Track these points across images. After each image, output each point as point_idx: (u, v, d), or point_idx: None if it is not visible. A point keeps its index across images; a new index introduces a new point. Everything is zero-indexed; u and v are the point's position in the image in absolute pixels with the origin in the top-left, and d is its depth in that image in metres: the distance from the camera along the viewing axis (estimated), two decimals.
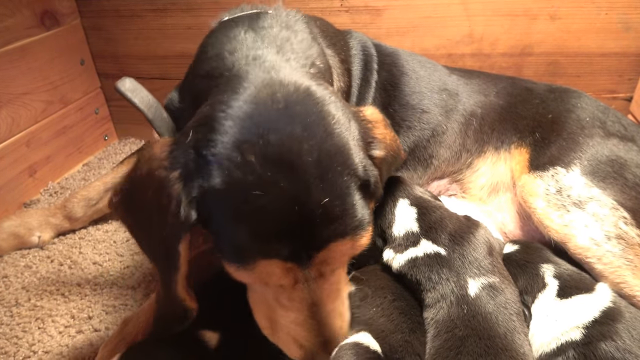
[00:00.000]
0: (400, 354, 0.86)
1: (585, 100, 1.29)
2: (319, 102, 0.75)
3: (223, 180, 0.69)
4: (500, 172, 1.29)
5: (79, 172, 1.89)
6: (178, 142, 0.76)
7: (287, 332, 0.82)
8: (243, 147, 0.68)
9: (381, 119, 0.89)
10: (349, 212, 0.72)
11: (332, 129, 0.73)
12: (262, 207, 0.67)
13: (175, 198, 0.71)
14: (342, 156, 0.73)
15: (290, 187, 0.67)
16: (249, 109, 0.71)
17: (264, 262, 0.71)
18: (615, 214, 1.05)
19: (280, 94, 0.72)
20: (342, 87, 1.15)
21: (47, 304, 1.24)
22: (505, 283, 0.95)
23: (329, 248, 0.72)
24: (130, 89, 0.98)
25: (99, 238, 1.48)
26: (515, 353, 0.83)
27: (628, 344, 0.84)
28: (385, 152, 0.85)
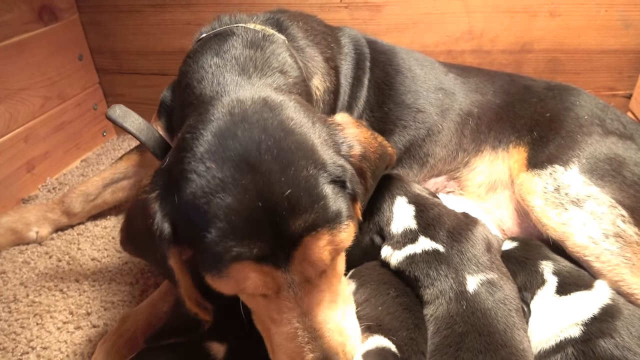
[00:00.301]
0: (407, 353, 0.86)
1: (584, 98, 1.29)
2: (276, 107, 0.79)
3: (189, 190, 0.72)
4: (498, 170, 1.29)
5: (77, 167, 1.88)
6: (159, 169, 0.81)
7: (284, 352, 0.78)
8: (205, 156, 0.73)
9: (351, 120, 0.91)
10: (318, 204, 0.72)
11: (291, 129, 0.76)
12: (227, 208, 0.69)
13: (152, 216, 0.75)
14: (304, 151, 0.74)
15: (251, 185, 0.69)
16: (211, 127, 0.76)
17: (237, 266, 0.70)
18: (613, 212, 1.05)
19: (238, 109, 0.78)
20: (328, 87, 1.14)
21: (46, 300, 1.24)
22: (504, 279, 0.95)
23: (303, 244, 0.71)
24: (121, 116, 1.04)
25: (98, 234, 1.47)
26: (514, 349, 0.84)
27: (627, 342, 0.84)
28: (361, 148, 0.85)
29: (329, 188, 0.74)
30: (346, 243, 0.77)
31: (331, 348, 0.76)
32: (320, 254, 0.73)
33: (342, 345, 0.78)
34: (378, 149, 0.93)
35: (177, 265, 0.79)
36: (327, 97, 1.13)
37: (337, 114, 0.92)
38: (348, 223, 0.76)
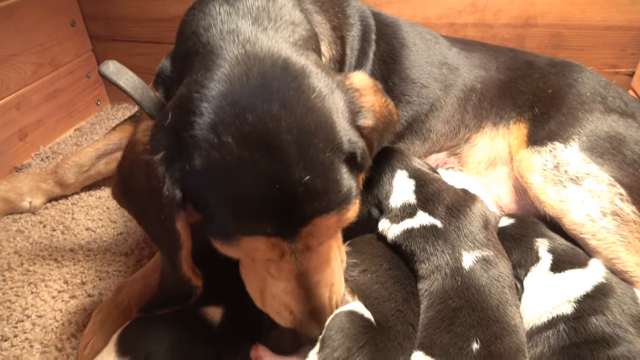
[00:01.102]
0: (392, 322, 0.87)
1: (586, 75, 1.27)
2: (298, 75, 0.73)
3: (202, 162, 0.69)
4: (498, 147, 1.28)
5: (71, 137, 1.86)
6: (158, 125, 0.76)
7: (277, 300, 0.83)
8: (219, 128, 0.67)
9: (370, 85, 0.86)
10: (332, 188, 0.71)
11: (312, 104, 0.71)
12: (242, 187, 0.67)
13: (161, 180, 0.72)
14: (324, 132, 0.71)
15: (269, 166, 0.67)
16: (223, 88, 0.70)
17: (248, 239, 0.71)
18: (611, 190, 1.04)
19: (256, 69, 0.71)
20: (334, 55, 1.11)
21: (40, 268, 1.24)
22: (499, 257, 0.95)
23: (313, 223, 0.72)
24: (114, 72, 0.95)
25: (92, 204, 1.47)
26: (506, 325, 0.84)
27: (618, 319, 0.85)
28: (374, 120, 0.83)
29: (343, 169, 0.73)
30: (352, 219, 0.77)
31: (321, 303, 0.83)
32: (328, 231, 0.75)
33: (330, 300, 0.84)
34: (387, 118, 0.91)
35: (184, 229, 0.77)
36: (332, 66, 1.10)
37: (355, 72, 0.87)
38: (355, 202, 0.76)
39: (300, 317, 0.83)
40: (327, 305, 0.84)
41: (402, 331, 0.87)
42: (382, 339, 0.84)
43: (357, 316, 0.84)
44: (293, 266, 0.78)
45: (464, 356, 0.80)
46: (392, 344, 0.85)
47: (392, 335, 0.86)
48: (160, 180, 0.72)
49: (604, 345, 0.81)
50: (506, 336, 0.83)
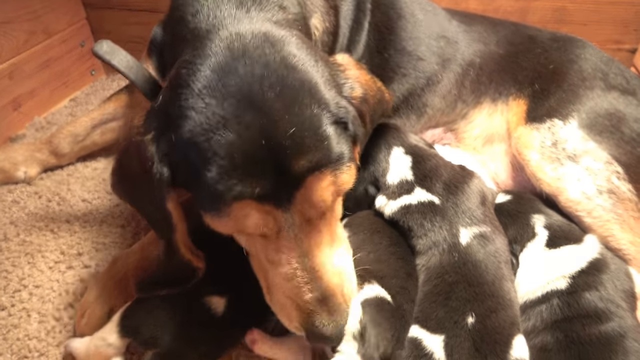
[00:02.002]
0: (399, 301, 0.87)
1: (589, 51, 1.26)
2: (278, 43, 0.75)
3: (188, 128, 0.70)
4: (496, 123, 1.27)
5: (66, 107, 1.83)
6: (151, 108, 0.78)
7: (282, 293, 0.78)
8: (203, 93, 0.70)
9: (352, 62, 0.88)
10: (322, 144, 0.70)
11: (294, 65, 0.73)
12: (229, 145, 0.67)
13: (150, 159, 0.73)
14: (308, 89, 0.72)
15: (253, 122, 0.67)
16: (209, 61, 0.72)
17: (238, 205, 0.69)
18: (609, 168, 1.04)
19: (237, 43, 0.74)
20: (327, 27, 1.09)
21: (37, 239, 1.23)
22: (496, 233, 0.96)
23: (306, 185, 0.70)
24: (108, 52, 0.96)
25: (88, 175, 1.46)
26: (501, 299, 0.86)
27: (611, 294, 0.86)
28: (362, 91, 0.83)
29: (333, 128, 0.73)
30: (348, 185, 0.76)
31: (329, 289, 0.77)
32: (323, 195, 0.72)
33: (340, 287, 0.79)
34: (377, 94, 0.90)
35: (175, 209, 0.78)
36: (325, 39, 1.09)
37: (338, 54, 0.88)
38: (350, 165, 0.75)
39: (308, 308, 0.76)
40: (339, 293, 0.77)
41: (409, 309, 0.88)
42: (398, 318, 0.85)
43: (384, 302, 0.83)
44: (292, 244, 0.75)
45: (459, 329, 0.81)
46: (401, 322, 0.85)
47: (399, 314, 0.86)
48: (150, 160, 0.73)
49: (596, 320, 0.82)
50: (501, 310, 0.84)
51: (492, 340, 0.80)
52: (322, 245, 0.78)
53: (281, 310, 0.80)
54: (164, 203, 0.76)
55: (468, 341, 0.80)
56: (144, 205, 0.84)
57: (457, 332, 0.81)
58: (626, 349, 0.78)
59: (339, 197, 0.80)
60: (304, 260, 0.76)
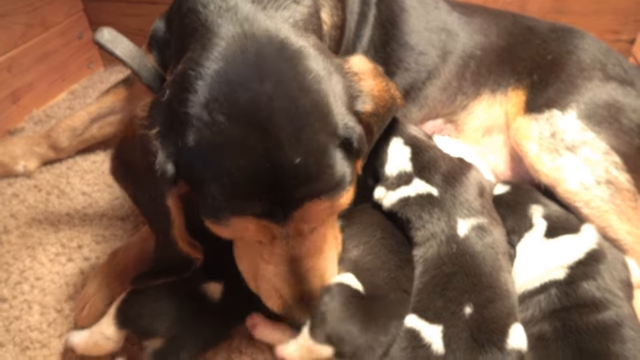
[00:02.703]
0: (385, 291, 0.89)
1: (587, 41, 1.25)
2: (295, 56, 0.71)
3: (194, 139, 0.69)
4: (495, 114, 1.27)
5: (64, 100, 1.83)
6: (156, 101, 0.76)
7: (268, 283, 0.83)
8: (211, 106, 0.68)
9: (370, 70, 0.86)
10: (324, 173, 0.71)
11: (307, 86, 0.70)
12: (232, 165, 0.67)
13: (154, 154, 0.72)
14: (319, 114, 0.70)
15: (260, 145, 0.66)
16: (218, 66, 0.69)
17: (237, 219, 0.71)
18: (607, 158, 1.05)
19: (252, 49, 0.70)
20: (335, 22, 1.09)
21: (37, 232, 1.24)
22: (494, 224, 0.96)
23: (304, 208, 0.72)
24: (109, 40, 0.92)
25: (87, 168, 1.46)
26: (498, 290, 0.86)
27: (608, 284, 0.87)
28: (373, 105, 0.82)
29: (338, 154, 0.73)
30: (344, 206, 0.78)
31: (311, 291, 0.83)
32: (318, 217, 0.76)
33: (319, 287, 0.84)
34: (388, 103, 0.90)
35: (174, 204, 0.78)
36: (333, 33, 1.08)
37: (355, 57, 0.86)
38: (349, 189, 0.76)
39: (289, 302, 0.83)
40: (317, 292, 0.84)
41: (396, 298, 0.89)
42: (374, 306, 0.86)
43: (345, 287, 0.85)
44: (284, 251, 0.78)
45: (457, 320, 0.82)
46: (385, 311, 0.86)
47: (385, 303, 0.87)
48: (153, 155, 0.72)
49: (593, 309, 0.83)
50: (498, 301, 0.84)
51: (489, 330, 0.80)
52: (311, 253, 0.82)
53: (267, 297, 0.86)
54: (164, 199, 0.76)
55: (465, 331, 0.81)
56: (142, 197, 0.84)
57: (455, 322, 0.82)
58: (623, 337, 0.79)
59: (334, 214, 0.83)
60: (293, 265, 0.80)
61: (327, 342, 0.80)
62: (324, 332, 0.80)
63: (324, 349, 0.81)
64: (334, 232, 0.91)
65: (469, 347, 0.79)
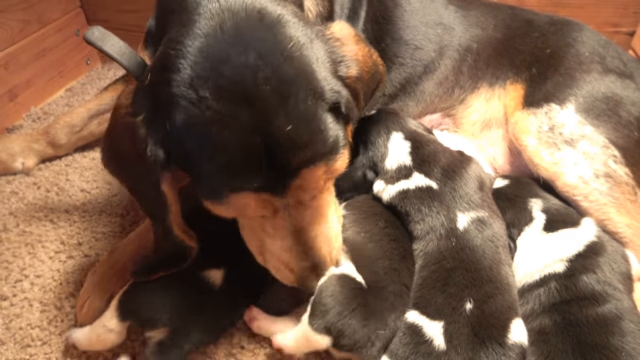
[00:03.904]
0: (385, 282, 0.89)
1: (586, 34, 1.25)
2: (274, 25, 0.71)
3: (181, 119, 0.68)
4: (493, 108, 1.27)
5: (62, 97, 1.82)
6: (139, 87, 0.75)
7: (276, 258, 0.84)
8: (196, 83, 0.67)
9: (351, 34, 0.85)
10: (317, 138, 0.71)
11: (289, 53, 0.70)
12: (224, 142, 0.67)
13: (143, 141, 0.72)
14: (304, 81, 0.70)
15: (249, 119, 0.66)
16: (199, 43, 0.69)
17: (236, 196, 0.71)
18: (605, 152, 1.05)
19: (230, 22, 0.69)
20: (320, 12, 1.08)
21: (36, 229, 1.24)
22: (494, 217, 0.96)
23: (300, 176, 0.72)
24: (99, 38, 0.93)
25: (86, 165, 1.46)
26: (499, 284, 0.86)
27: (608, 277, 0.87)
28: (358, 69, 0.82)
29: (327, 117, 0.73)
30: (340, 170, 0.78)
31: (320, 257, 0.84)
32: (316, 183, 0.75)
33: (329, 253, 0.85)
34: (372, 68, 0.89)
35: (170, 190, 0.78)
36: (318, 22, 1.08)
37: (336, 22, 0.85)
38: (343, 152, 0.76)
39: (301, 273, 0.84)
40: (328, 259, 0.85)
41: (395, 290, 0.89)
42: (374, 299, 0.86)
43: (348, 279, 0.85)
44: (288, 222, 0.79)
45: (458, 316, 0.82)
46: (384, 304, 0.86)
47: (384, 295, 0.87)
48: (143, 142, 0.72)
49: (593, 302, 0.83)
50: (498, 295, 0.85)
51: (490, 325, 0.81)
52: (315, 221, 0.83)
53: (277, 271, 0.87)
54: (158, 185, 0.76)
55: (467, 327, 0.81)
56: (136, 185, 0.84)
57: (456, 318, 0.82)
58: (623, 330, 0.79)
59: (331, 179, 0.83)
60: (298, 235, 0.81)
61: (326, 333, 0.81)
62: (324, 322, 0.81)
63: (323, 339, 0.81)
64: (332, 197, 0.91)
65: (471, 343, 0.79)
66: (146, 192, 0.81)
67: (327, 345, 0.82)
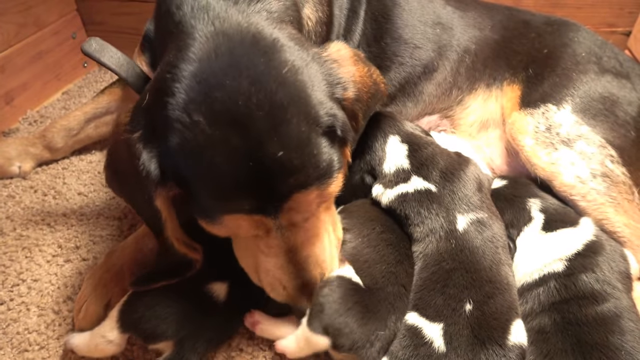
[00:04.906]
0: (382, 284, 0.89)
1: (582, 34, 1.26)
2: (269, 50, 0.72)
3: (176, 142, 0.69)
4: (490, 109, 1.27)
5: (59, 100, 1.82)
6: (138, 106, 0.76)
7: (271, 275, 0.84)
8: (190, 107, 0.68)
9: (349, 56, 0.85)
10: (309, 163, 0.71)
11: (283, 78, 0.70)
12: (216, 166, 0.68)
13: (138, 157, 0.73)
14: (298, 106, 0.70)
15: (241, 144, 0.67)
16: (193, 67, 0.70)
17: (229, 217, 0.72)
18: (602, 152, 1.05)
19: (224, 47, 0.71)
20: (320, 17, 1.08)
21: (33, 233, 1.23)
22: (493, 218, 0.96)
23: (293, 199, 0.72)
24: (97, 50, 0.94)
25: (83, 168, 1.45)
26: (499, 284, 0.87)
27: (607, 276, 0.87)
28: (356, 91, 0.82)
29: (321, 142, 0.73)
30: (334, 194, 0.79)
31: (311, 278, 0.84)
32: (309, 207, 0.76)
33: (320, 275, 0.86)
34: (372, 88, 0.90)
35: (164, 206, 0.78)
36: (319, 29, 1.08)
37: (333, 43, 0.86)
38: (337, 175, 0.76)
39: (292, 292, 0.84)
40: (318, 280, 0.85)
41: (393, 292, 0.89)
42: (372, 300, 0.86)
43: (344, 280, 0.86)
44: (281, 242, 0.79)
45: (458, 317, 0.82)
46: (383, 305, 0.87)
47: (382, 296, 0.88)
48: (137, 157, 0.73)
49: (592, 301, 0.84)
50: (498, 295, 0.85)
51: (490, 327, 0.81)
52: (308, 242, 0.83)
53: (271, 289, 0.86)
54: (152, 200, 0.76)
55: (467, 328, 0.81)
56: (136, 201, 0.85)
57: (456, 319, 0.82)
58: (622, 329, 0.80)
59: (326, 202, 0.83)
60: (291, 255, 0.81)
61: (324, 333, 0.81)
62: (321, 322, 0.81)
63: (321, 340, 0.82)
64: (331, 218, 0.91)
65: (471, 344, 0.79)
66: (143, 208, 0.81)
67: (326, 346, 0.82)
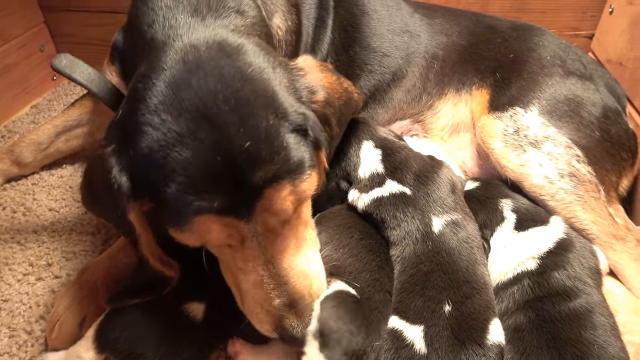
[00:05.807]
0: (369, 293, 0.88)
1: (547, 38, 1.30)
2: (233, 53, 0.75)
3: (145, 144, 0.70)
4: (460, 113, 1.30)
5: (27, 114, 1.78)
6: (112, 121, 0.78)
7: (251, 297, 0.80)
8: (159, 108, 0.70)
9: (316, 65, 0.88)
10: (279, 155, 0.71)
11: (249, 76, 0.73)
12: (185, 162, 0.68)
13: (110, 170, 0.73)
14: (264, 101, 0.72)
15: (208, 138, 0.68)
16: (163, 75, 0.73)
17: (199, 219, 0.70)
18: (569, 152, 1.08)
19: (192, 55, 0.74)
20: (289, 27, 1.10)
21: (2, 252, 1.20)
22: (467, 219, 0.98)
23: (265, 196, 0.71)
24: (68, 66, 0.95)
25: (54, 184, 1.42)
26: (475, 284, 0.88)
27: (578, 272, 0.89)
28: (325, 94, 0.83)
29: (290, 137, 0.73)
30: (309, 192, 0.78)
31: (297, 292, 0.79)
32: (282, 205, 0.74)
33: (307, 288, 0.81)
34: (343, 95, 0.90)
35: (137, 219, 0.77)
36: (289, 38, 1.09)
37: (300, 56, 0.88)
38: (310, 173, 0.76)
39: (277, 312, 0.78)
40: (305, 293, 0.80)
41: (381, 299, 0.89)
42: (366, 310, 0.85)
43: (344, 295, 0.83)
44: (257, 252, 0.76)
45: (437, 319, 0.83)
46: (374, 314, 0.86)
47: (372, 305, 0.87)
48: (109, 171, 0.73)
49: (564, 297, 0.86)
50: (476, 295, 0.86)
51: (469, 327, 0.82)
52: (288, 251, 0.80)
53: (253, 315, 0.82)
54: (125, 214, 0.75)
55: (446, 329, 0.82)
56: (112, 218, 0.84)
57: (436, 321, 0.83)
58: (594, 324, 0.82)
59: (301, 203, 0.81)
60: (270, 267, 0.78)
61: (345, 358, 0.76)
62: (341, 350, 0.76)
63: None
64: (308, 228, 0.88)
65: (451, 345, 0.80)
66: (120, 224, 0.80)
67: None
